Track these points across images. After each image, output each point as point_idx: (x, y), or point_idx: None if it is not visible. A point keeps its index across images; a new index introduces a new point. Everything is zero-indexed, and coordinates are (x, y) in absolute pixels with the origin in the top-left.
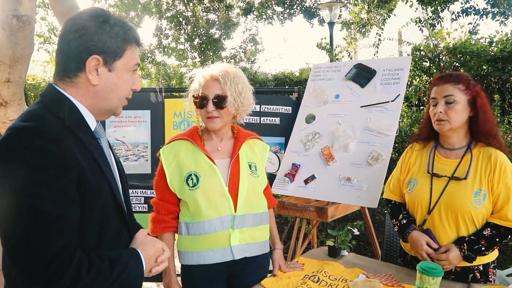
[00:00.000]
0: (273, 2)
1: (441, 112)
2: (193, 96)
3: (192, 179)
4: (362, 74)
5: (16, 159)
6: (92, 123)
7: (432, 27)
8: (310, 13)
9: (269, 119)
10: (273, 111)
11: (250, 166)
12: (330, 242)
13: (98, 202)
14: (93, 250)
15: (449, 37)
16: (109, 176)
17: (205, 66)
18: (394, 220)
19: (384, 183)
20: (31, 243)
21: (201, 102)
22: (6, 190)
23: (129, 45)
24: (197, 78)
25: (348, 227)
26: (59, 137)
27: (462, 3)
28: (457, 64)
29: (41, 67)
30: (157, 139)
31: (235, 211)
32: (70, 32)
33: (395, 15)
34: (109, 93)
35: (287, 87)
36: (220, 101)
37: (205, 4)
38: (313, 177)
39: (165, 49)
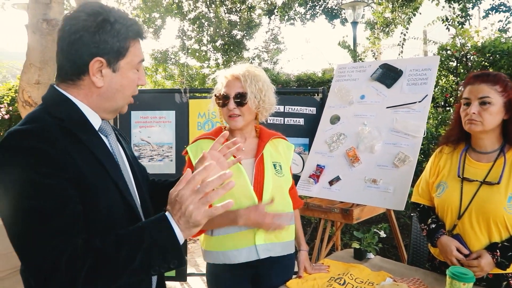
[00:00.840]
0: (296, 3)
1: (474, 113)
2: (215, 95)
3: None
4: (388, 74)
5: (9, 162)
6: (96, 122)
7: (460, 25)
8: (332, 14)
9: (293, 120)
10: (297, 111)
11: (274, 165)
12: (356, 245)
13: (102, 203)
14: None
15: (478, 35)
16: (116, 175)
17: (228, 67)
18: (422, 224)
19: (411, 186)
20: (27, 244)
21: (223, 101)
22: (3, 194)
23: (132, 42)
24: (220, 79)
25: (374, 230)
26: (52, 138)
27: (492, 0)
28: (486, 63)
29: None
30: (182, 139)
31: None
32: (70, 33)
33: (420, 13)
34: (115, 94)
35: (309, 87)
36: (240, 99)
37: (227, 6)
38: (337, 179)
39: (188, 51)
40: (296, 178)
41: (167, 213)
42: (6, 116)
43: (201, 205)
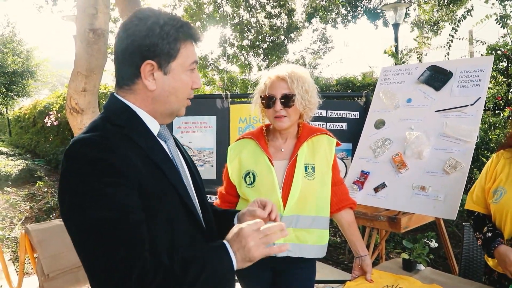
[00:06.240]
0: (339, 4)
1: None
2: (260, 96)
3: (249, 177)
4: (437, 77)
5: (72, 170)
6: (154, 127)
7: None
8: (374, 14)
9: (336, 125)
10: (339, 116)
11: (306, 168)
12: (405, 255)
13: (164, 207)
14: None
15: None
16: (175, 180)
17: (270, 68)
18: (477, 233)
19: (463, 193)
20: (93, 256)
21: (268, 102)
22: (67, 203)
23: (182, 43)
24: (263, 80)
25: (425, 240)
26: (113, 146)
27: None
28: None
29: (111, 77)
30: (223, 144)
31: (284, 212)
32: (123, 39)
33: (471, 15)
34: (168, 97)
35: (349, 91)
36: (287, 100)
37: (268, 10)
38: (383, 185)
39: (230, 58)
40: None
41: (226, 243)
42: (55, 123)
43: (261, 243)
